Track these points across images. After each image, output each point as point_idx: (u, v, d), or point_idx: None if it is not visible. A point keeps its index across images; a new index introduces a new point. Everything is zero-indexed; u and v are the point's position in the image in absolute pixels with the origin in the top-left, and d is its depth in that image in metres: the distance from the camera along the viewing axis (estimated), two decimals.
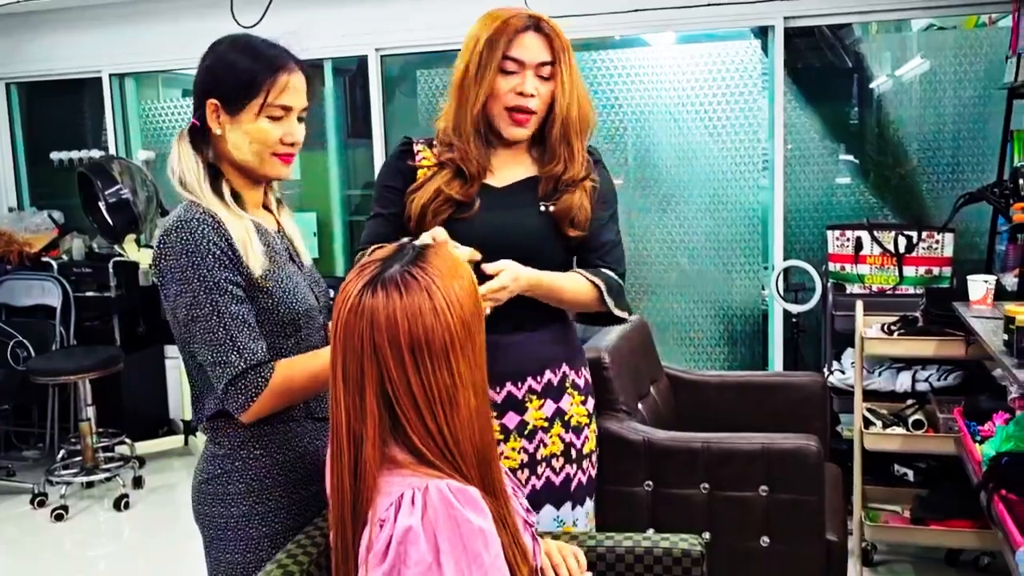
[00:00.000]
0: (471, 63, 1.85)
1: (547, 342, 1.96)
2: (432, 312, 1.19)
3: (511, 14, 1.85)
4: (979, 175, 4.07)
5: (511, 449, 1.93)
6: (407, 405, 1.19)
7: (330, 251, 5.05)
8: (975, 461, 2.40)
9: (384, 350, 1.18)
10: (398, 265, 1.23)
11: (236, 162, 1.59)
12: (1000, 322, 2.36)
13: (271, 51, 1.58)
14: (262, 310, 1.56)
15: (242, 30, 4.45)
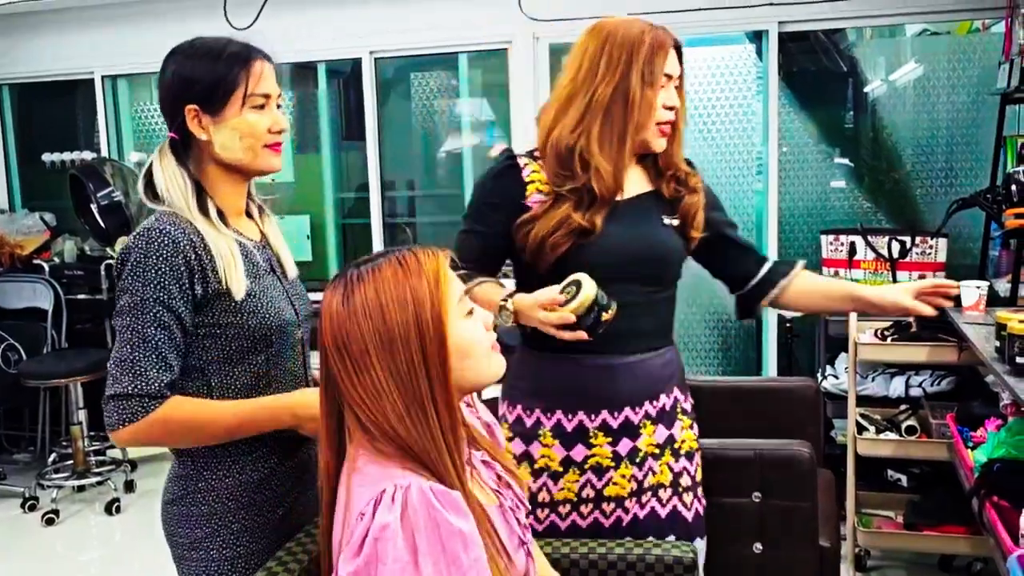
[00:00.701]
0: (621, 78, 1.76)
1: (665, 364, 1.89)
2: (349, 317, 1.20)
3: (647, 26, 1.80)
4: (972, 180, 4.07)
5: (620, 476, 1.86)
6: (345, 398, 1.23)
7: (323, 254, 5.03)
8: (967, 467, 2.40)
9: (323, 349, 1.24)
10: (358, 268, 1.25)
11: (227, 163, 1.55)
12: (992, 328, 2.35)
13: (234, 45, 1.56)
14: (230, 325, 1.51)
15: (235, 33, 4.45)
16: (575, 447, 1.86)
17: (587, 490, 1.87)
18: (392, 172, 4.96)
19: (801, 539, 2.25)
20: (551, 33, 4.23)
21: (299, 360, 1.64)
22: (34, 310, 4.71)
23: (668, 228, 1.86)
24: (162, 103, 1.56)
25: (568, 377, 1.86)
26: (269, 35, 4.79)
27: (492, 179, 1.89)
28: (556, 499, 1.87)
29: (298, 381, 1.64)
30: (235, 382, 1.54)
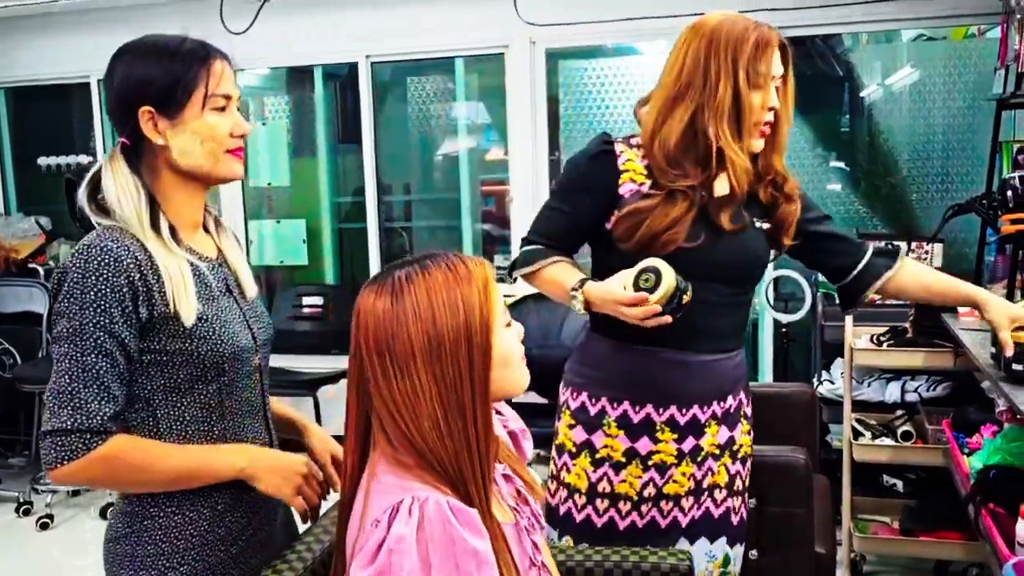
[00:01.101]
0: (741, 80, 1.72)
1: (736, 366, 1.89)
2: (394, 318, 1.18)
3: (750, 23, 1.75)
4: (968, 185, 4.08)
5: (681, 474, 1.86)
6: (379, 404, 1.21)
7: (319, 258, 5.03)
8: (963, 474, 2.40)
9: (361, 351, 1.21)
10: (402, 269, 1.22)
11: (185, 170, 1.43)
12: (988, 335, 2.35)
13: (191, 42, 1.45)
14: (178, 352, 1.39)
15: (231, 37, 4.45)
16: (640, 439, 1.85)
17: (649, 489, 1.86)
18: (388, 176, 4.96)
19: (797, 545, 2.25)
20: (548, 38, 4.23)
21: (256, 389, 1.52)
22: (29, 314, 4.69)
23: (759, 232, 1.85)
24: (111, 106, 1.44)
25: (640, 368, 1.84)
26: (266, 39, 4.83)
27: (586, 161, 1.85)
28: (617, 491, 1.86)
29: (255, 412, 1.52)
30: (183, 413, 1.42)
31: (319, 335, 4.76)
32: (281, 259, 4.96)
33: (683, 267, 1.67)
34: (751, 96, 1.73)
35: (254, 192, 4.99)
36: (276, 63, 4.93)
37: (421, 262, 1.23)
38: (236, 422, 1.47)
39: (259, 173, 4.91)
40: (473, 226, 4.84)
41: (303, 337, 4.75)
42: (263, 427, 1.54)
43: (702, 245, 1.76)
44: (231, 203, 4.85)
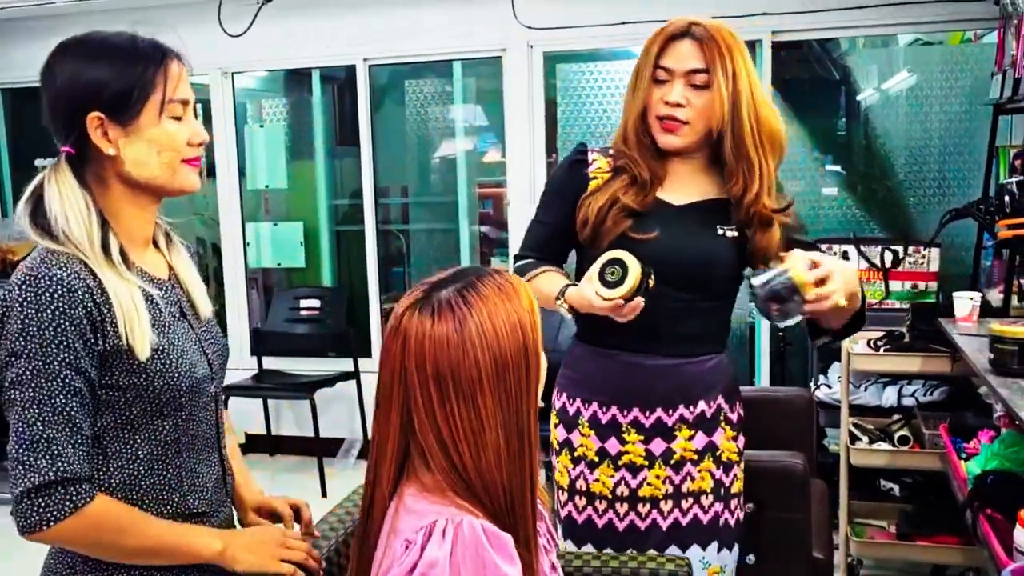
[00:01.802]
0: (633, 74, 1.82)
1: (705, 372, 1.88)
2: (460, 344, 1.14)
3: (670, 24, 1.78)
4: (965, 190, 4.09)
5: (655, 477, 1.87)
6: (428, 434, 1.16)
7: (316, 261, 5.02)
8: (960, 479, 2.40)
9: (412, 376, 1.15)
10: (446, 290, 1.18)
11: (138, 182, 1.30)
12: (985, 340, 2.36)
13: (143, 41, 1.31)
14: (131, 387, 1.27)
15: (228, 39, 4.44)
16: (609, 439, 1.88)
17: (622, 487, 1.88)
18: (386, 179, 4.96)
19: (795, 551, 2.26)
20: (546, 41, 4.23)
21: (211, 420, 1.42)
22: None
23: (722, 238, 1.83)
24: (53, 111, 1.29)
25: (604, 371, 1.89)
26: (264, 41, 4.82)
27: (561, 172, 1.94)
28: (592, 490, 1.90)
29: (209, 445, 1.42)
30: (136, 452, 1.30)
31: (316, 338, 4.75)
32: (278, 261, 4.95)
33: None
34: (652, 91, 1.79)
35: (251, 194, 4.99)
36: (274, 66, 4.93)
37: (466, 281, 1.19)
38: (192, 458, 1.37)
39: (257, 176, 4.90)
40: (470, 229, 4.85)
41: (300, 340, 4.74)
42: (217, 459, 1.45)
43: (655, 240, 1.78)
44: (228, 205, 4.84)
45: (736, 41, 1.77)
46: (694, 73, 1.74)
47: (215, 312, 1.50)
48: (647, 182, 1.82)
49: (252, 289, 5.01)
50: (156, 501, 1.33)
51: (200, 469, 1.40)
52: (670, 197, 1.85)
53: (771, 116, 1.79)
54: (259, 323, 4.94)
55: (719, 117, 1.74)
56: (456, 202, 4.82)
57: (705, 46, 1.73)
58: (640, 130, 1.82)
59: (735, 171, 1.78)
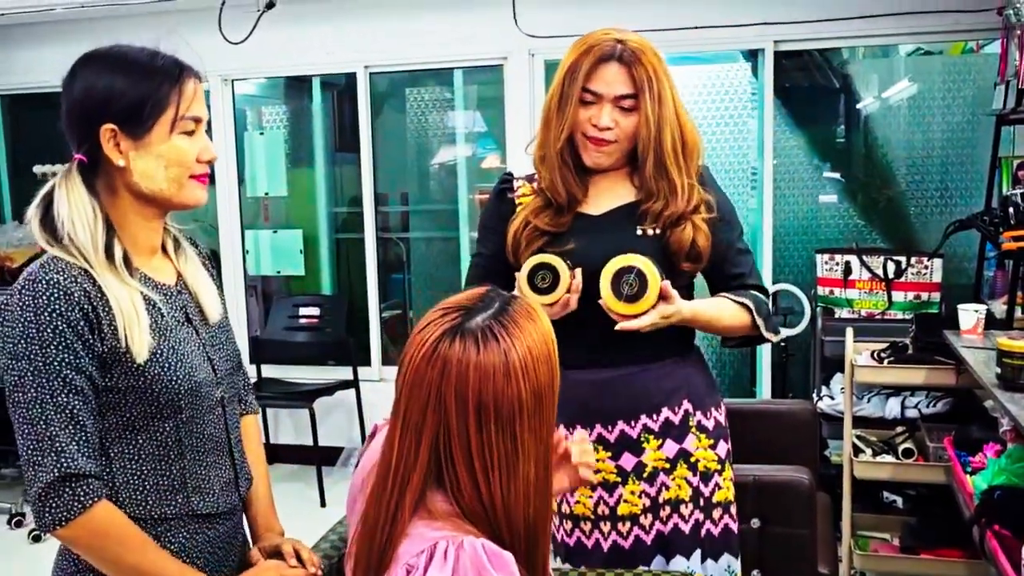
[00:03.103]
0: (555, 93, 1.81)
1: (664, 378, 1.85)
2: (505, 376, 1.13)
3: (595, 42, 1.77)
4: (967, 201, 4.08)
5: (630, 493, 1.85)
6: (460, 462, 1.14)
7: (316, 269, 5.00)
8: (967, 493, 2.38)
9: (449, 404, 1.13)
10: (481, 316, 1.16)
11: (146, 194, 1.33)
12: (992, 353, 2.35)
13: (163, 58, 1.34)
14: (130, 389, 1.30)
15: (228, 47, 4.43)
16: None
17: (602, 507, 1.87)
18: (386, 186, 4.95)
19: (799, 566, 2.23)
20: (547, 49, 4.22)
21: (220, 423, 1.43)
22: None
23: (643, 238, 1.82)
24: (69, 117, 1.34)
25: (560, 391, 1.86)
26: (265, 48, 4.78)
27: (489, 203, 1.97)
28: (576, 513, 1.88)
29: (219, 449, 1.43)
30: (139, 452, 1.33)
31: (316, 346, 4.73)
32: (278, 269, 4.93)
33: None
34: (579, 112, 1.78)
35: (251, 202, 4.97)
36: (274, 73, 4.91)
37: (498, 307, 1.18)
38: (197, 460, 1.39)
39: (256, 183, 4.88)
40: (471, 236, 4.83)
41: (299, 348, 4.72)
42: (228, 463, 1.46)
43: (571, 251, 1.79)
44: (228, 212, 4.82)
45: (660, 59, 1.79)
46: (622, 98, 1.77)
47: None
48: (564, 207, 1.84)
49: (251, 297, 4.99)
50: (160, 501, 1.35)
51: (206, 472, 1.41)
52: (589, 209, 1.87)
53: (692, 129, 1.84)
54: (258, 331, 4.92)
55: (644, 137, 1.78)
56: (456, 210, 4.80)
57: (633, 70, 1.75)
58: (563, 151, 1.82)
59: (655, 190, 1.81)
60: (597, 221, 1.86)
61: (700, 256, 1.83)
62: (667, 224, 1.82)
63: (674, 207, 1.80)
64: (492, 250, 1.92)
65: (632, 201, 1.85)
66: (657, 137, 1.77)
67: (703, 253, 1.83)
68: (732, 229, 1.91)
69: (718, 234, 1.86)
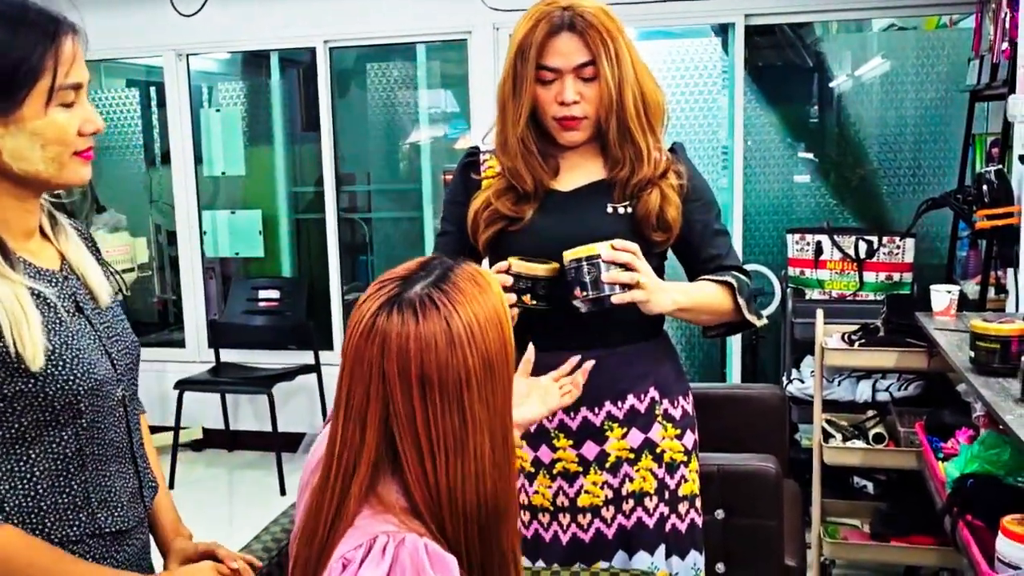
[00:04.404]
0: (508, 76, 1.70)
1: (631, 362, 1.76)
2: (448, 344, 1.04)
3: (542, 14, 1.66)
4: (940, 179, 4.02)
5: (592, 483, 1.75)
6: (409, 444, 1.05)
7: (276, 250, 4.87)
8: (939, 480, 2.30)
9: (392, 381, 1.04)
10: (420, 285, 1.07)
11: (20, 177, 1.15)
12: (965, 336, 2.27)
13: (33, 11, 1.13)
14: (19, 395, 1.13)
15: (182, 19, 4.27)
16: (540, 447, 1.78)
17: (561, 498, 1.78)
18: (349, 166, 4.81)
19: (766, 559, 2.16)
20: (512, 24, 4.08)
21: (122, 426, 1.27)
22: None
23: (613, 216, 1.73)
24: None
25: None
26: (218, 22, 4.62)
27: (455, 176, 1.87)
28: (534, 503, 1.79)
29: (122, 456, 1.28)
30: (32, 468, 1.16)
31: (275, 330, 4.61)
32: (236, 251, 4.80)
33: (514, 251, 1.68)
34: (539, 92, 1.69)
35: (208, 181, 4.81)
36: (231, 48, 4.75)
37: (439, 274, 1.10)
38: (99, 470, 1.23)
39: (213, 162, 4.73)
40: (435, 216, 4.71)
41: (258, 332, 4.60)
42: (131, 471, 1.31)
43: (536, 227, 1.71)
44: (184, 192, 4.66)
45: (613, 20, 1.68)
46: (582, 67, 1.67)
47: (168, 302, 1.34)
48: (529, 194, 1.74)
49: (209, 279, 4.85)
50: (61, 522, 1.20)
51: (112, 483, 1.26)
52: (560, 185, 1.77)
53: (654, 89, 1.74)
54: (216, 315, 4.78)
55: (606, 102, 1.68)
56: (420, 190, 4.68)
57: (587, 35, 1.65)
58: (526, 136, 1.72)
59: (621, 157, 1.72)
60: (566, 198, 1.76)
61: (669, 225, 1.73)
62: (635, 193, 1.73)
63: (641, 173, 1.71)
64: (457, 227, 1.82)
65: (603, 178, 1.76)
66: (619, 99, 1.67)
67: (672, 223, 1.73)
68: (709, 210, 1.82)
69: (695, 215, 1.77)
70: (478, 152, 1.85)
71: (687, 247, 1.81)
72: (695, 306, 1.72)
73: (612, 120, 1.69)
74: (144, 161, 5.09)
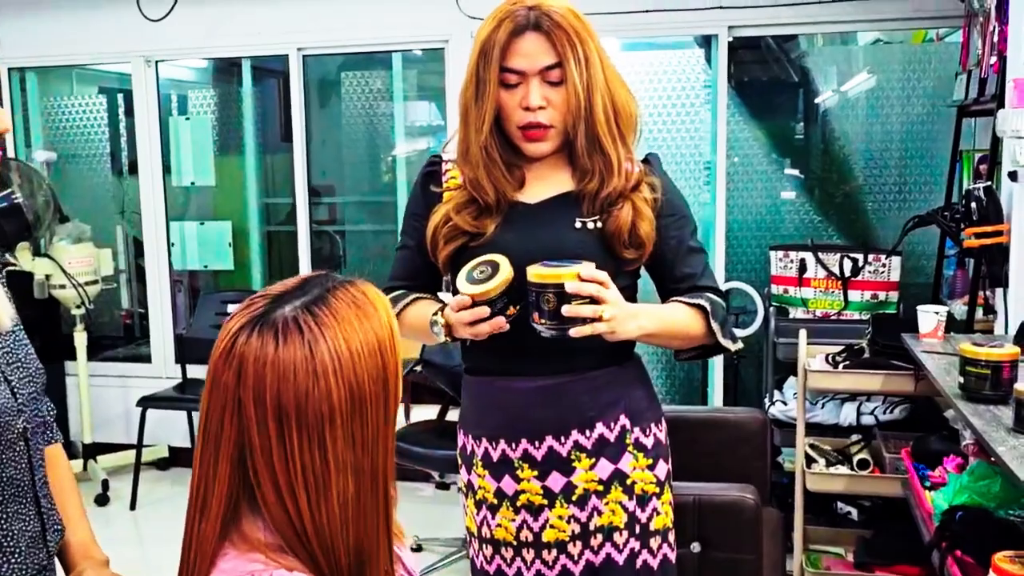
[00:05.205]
0: (470, 80, 1.60)
1: (599, 388, 1.64)
2: (310, 373, 0.93)
3: (505, 13, 1.56)
4: (927, 196, 3.93)
5: (557, 517, 1.64)
6: (265, 479, 0.94)
7: (246, 263, 4.74)
8: (925, 511, 2.19)
9: (248, 410, 0.93)
10: (291, 305, 0.96)
11: None
12: (953, 359, 2.16)
13: None
14: None
15: (151, 25, 4.14)
16: (504, 478, 1.67)
17: (525, 532, 1.66)
18: (323, 177, 4.69)
19: None
20: None
21: (22, 462, 1.17)
22: None
23: (582, 231, 1.62)
24: None
25: (485, 401, 1.69)
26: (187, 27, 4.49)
27: (415, 187, 1.77)
28: (496, 537, 1.69)
29: (22, 495, 1.17)
30: None
31: None
32: (205, 263, 4.66)
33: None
34: (503, 97, 1.58)
35: (177, 191, 4.67)
36: (201, 54, 4.63)
37: (315, 294, 0.98)
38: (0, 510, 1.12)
39: (182, 171, 4.59)
40: None
41: None
42: (33, 511, 1.18)
43: (498, 241, 1.60)
44: (151, 203, 4.53)
45: (583, 21, 1.58)
46: (548, 70, 1.55)
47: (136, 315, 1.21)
48: (492, 207, 1.63)
49: (177, 293, 4.71)
50: None
51: (8, 525, 1.14)
52: (525, 196, 1.66)
53: (626, 97, 1.62)
54: (184, 329, 4.64)
55: (573, 107, 1.56)
56: (396, 202, 4.56)
57: (553, 36, 1.54)
58: (489, 144, 1.60)
59: (590, 168, 1.60)
60: (532, 211, 1.65)
61: (642, 242, 1.62)
62: (604, 206, 1.61)
63: (611, 186, 1.60)
64: (418, 240, 1.70)
65: (571, 190, 1.65)
66: (587, 105, 1.56)
67: (646, 239, 1.62)
68: (684, 226, 1.70)
69: (669, 231, 1.66)
70: (439, 161, 1.73)
71: (660, 264, 1.69)
72: (664, 331, 1.61)
73: (580, 127, 1.58)
74: (111, 170, 4.95)
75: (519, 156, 1.64)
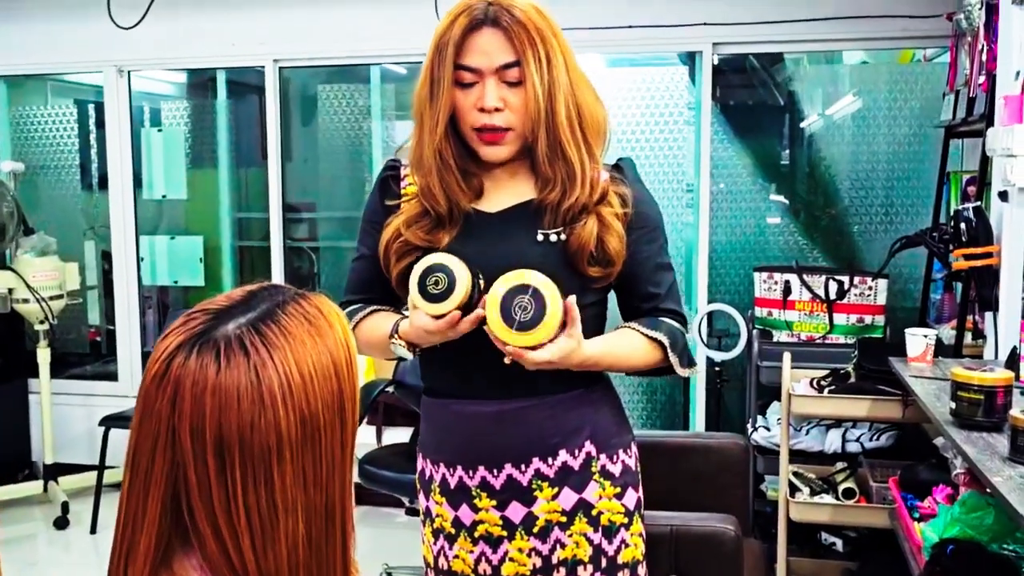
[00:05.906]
0: (424, 80, 1.50)
1: (563, 413, 1.54)
2: (255, 400, 0.83)
3: (462, 8, 1.46)
4: (913, 217, 3.86)
5: (517, 550, 1.53)
6: (202, 520, 0.83)
7: (218, 279, 4.62)
8: (915, 544, 2.09)
9: (184, 442, 0.83)
10: (235, 322, 0.85)
11: None
12: (943, 384, 2.07)
13: None
14: None
15: (123, 34, 4.04)
16: (461, 507, 1.57)
17: (483, 565, 1.55)
18: (298, 193, 4.59)
19: None
20: None
21: None
22: None
23: (544, 244, 1.51)
24: None
25: (441, 425, 1.59)
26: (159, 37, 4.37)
27: (372, 194, 1.65)
28: (454, 569, 1.58)
29: None
30: None
31: None
32: (175, 279, 4.55)
33: None
34: (458, 97, 1.47)
35: (148, 205, 4.55)
36: (175, 65, 4.52)
37: (263, 310, 0.87)
38: None
39: (153, 184, 4.48)
40: None
41: None
42: None
43: (455, 253, 1.48)
44: (121, 216, 4.40)
45: (546, 18, 1.48)
46: (505, 69, 1.45)
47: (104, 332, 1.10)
48: (445, 218, 1.53)
49: (148, 308, 4.58)
50: None
51: None
52: (484, 205, 1.56)
53: (593, 103, 1.52)
54: (152, 346, 4.51)
55: (533, 110, 1.46)
56: None
57: (513, 33, 1.43)
58: (444, 148, 1.49)
59: (552, 176, 1.49)
60: (491, 221, 1.54)
61: (611, 260, 1.52)
62: (567, 219, 1.50)
63: (573, 196, 1.49)
64: (374, 251, 1.58)
65: (532, 198, 1.53)
66: (548, 108, 1.45)
67: (615, 256, 1.51)
68: (655, 239, 1.59)
69: (638, 245, 1.55)
70: (399, 165, 1.62)
71: (625, 279, 1.59)
72: (613, 364, 1.53)
73: (541, 132, 1.47)
74: (81, 183, 4.83)
75: (476, 162, 1.53)
